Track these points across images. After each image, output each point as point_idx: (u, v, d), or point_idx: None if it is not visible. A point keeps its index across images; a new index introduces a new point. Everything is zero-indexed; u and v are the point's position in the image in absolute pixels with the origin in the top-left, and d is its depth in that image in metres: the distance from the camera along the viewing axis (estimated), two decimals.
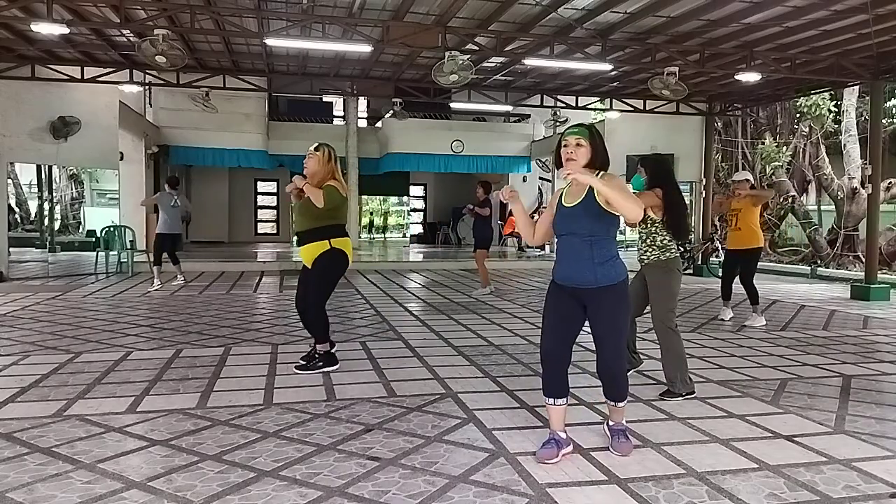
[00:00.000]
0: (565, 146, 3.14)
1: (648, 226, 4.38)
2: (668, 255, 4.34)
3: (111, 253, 11.86)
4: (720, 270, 7.80)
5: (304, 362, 4.86)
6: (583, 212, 3.08)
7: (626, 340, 3.29)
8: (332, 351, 4.87)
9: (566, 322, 3.18)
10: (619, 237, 20.26)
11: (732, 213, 7.25)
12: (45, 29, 8.12)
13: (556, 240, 3.26)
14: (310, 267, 4.75)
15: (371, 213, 23.91)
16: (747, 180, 7.40)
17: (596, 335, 3.20)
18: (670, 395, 4.24)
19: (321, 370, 4.74)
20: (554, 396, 3.19)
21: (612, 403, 3.30)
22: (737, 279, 7.42)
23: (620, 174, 3.18)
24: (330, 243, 4.69)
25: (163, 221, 9.67)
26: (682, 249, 4.47)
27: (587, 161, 3.11)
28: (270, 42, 9.20)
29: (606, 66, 10.22)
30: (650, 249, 4.38)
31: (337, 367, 4.80)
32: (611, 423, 3.38)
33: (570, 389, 3.27)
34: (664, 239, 4.35)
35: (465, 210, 10.34)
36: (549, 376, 3.19)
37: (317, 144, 4.82)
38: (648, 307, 4.50)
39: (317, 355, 4.83)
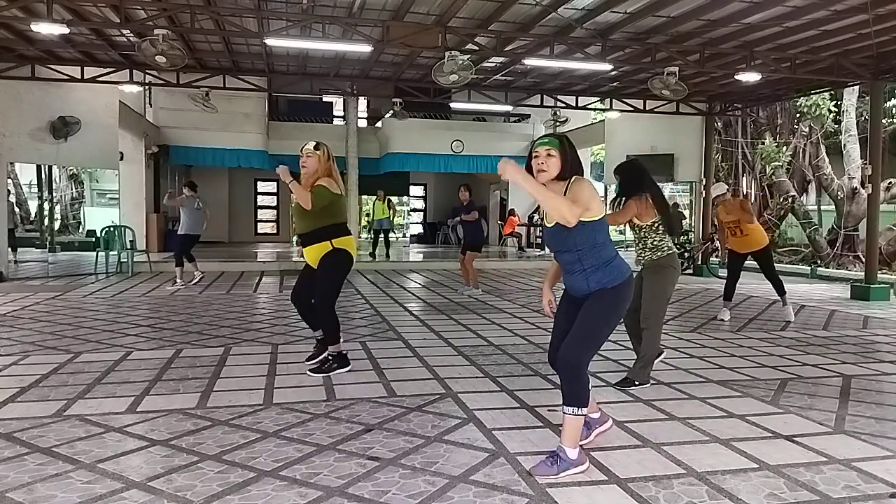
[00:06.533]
0: (536, 156, 3.06)
1: (638, 231, 4.59)
2: (659, 254, 4.56)
3: (111, 253, 11.86)
4: (728, 272, 7.79)
5: (316, 365, 4.79)
6: (561, 228, 2.97)
7: (592, 345, 3.03)
8: (343, 352, 4.84)
9: (569, 328, 3.14)
10: (619, 237, 20.38)
11: (731, 225, 7.27)
12: (45, 29, 8.11)
13: None
14: (315, 267, 4.71)
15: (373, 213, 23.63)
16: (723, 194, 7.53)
17: (573, 329, 3.03)
18: (627, 384, 4.47)
19: (336, 371, 4.70)
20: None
21: (561, 408, 2.99)
22: (737, 279, 7.44)
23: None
24: (332, 244, 4.63)
25: (190, 223, 9.93)
26: (682, 249, 4.60)
27: (558, 171, 3.01)
28: (270, 42, 9.20)
29: (606, 66, 10.22)
30: (643, 252, 4.61)
31: (349, 367, 4.77)
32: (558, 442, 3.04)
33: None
34: (654, 240, 4.56)
35: (452, 222, 10.25)
36: None
37: (315, 143, 4.73)
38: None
39: (330, 357, 4.76)
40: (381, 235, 15.29)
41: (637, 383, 4.48)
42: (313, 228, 4.64)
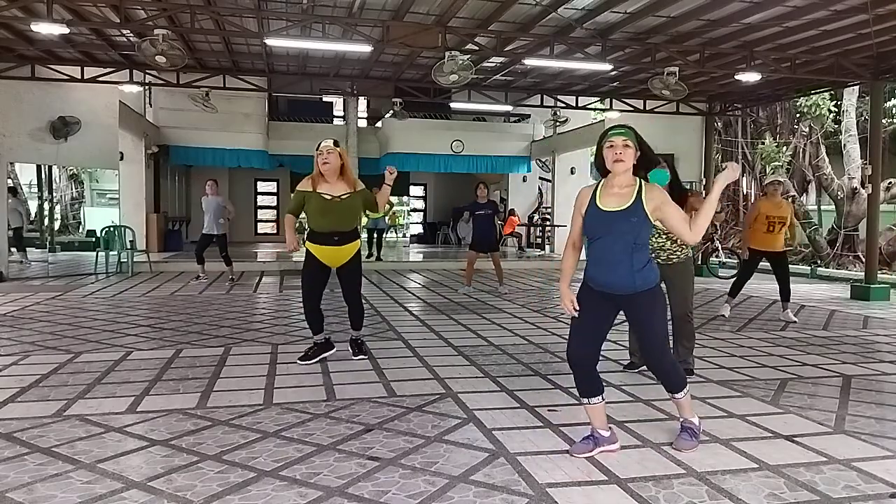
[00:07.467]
0: (611, 146, 3.05)
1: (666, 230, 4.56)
2: (689, 252, 4.78)
3: (111, 253, 11.86)
4: (742, 268, 7.88)
5: (354, 349, 5.25)
6: (631, 217, 3.02)
7: (667, 336, 3.33)
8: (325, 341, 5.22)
9: (597, 325, 3.18)
10: None
11: (776, 220, 7.30)
12: (45, 29, 8.11)
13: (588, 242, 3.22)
14: (344, 263, 5.02)
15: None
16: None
17: (640, 337, 3.30)
18: (689, 373, 4.65)
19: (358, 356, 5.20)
20: (588, 396, 3.21)
21: (671, 396, 3.34)
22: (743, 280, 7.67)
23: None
24: (359, 241, 5.11)
25: (223, 223, 10.59)
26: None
27: (633, 162, 3.06)
28: (270, 42, 9.20)
29: (606, 66, 10.22)
30: (677, 248, 4.67)
31: (335, 349, 5.28)
32: (680, 418, 3.41)
33: (569, 388, 3.27)
34: None
35: (466, 216, 10.27)
36: (581, 378, 3.22)
37: (333, 140, 4.93)
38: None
39: (360, 340, 5.31)
40: (375, 235, 15.20)
41: (692, 371, 4.79)
42: (354, 227, 5.00)
